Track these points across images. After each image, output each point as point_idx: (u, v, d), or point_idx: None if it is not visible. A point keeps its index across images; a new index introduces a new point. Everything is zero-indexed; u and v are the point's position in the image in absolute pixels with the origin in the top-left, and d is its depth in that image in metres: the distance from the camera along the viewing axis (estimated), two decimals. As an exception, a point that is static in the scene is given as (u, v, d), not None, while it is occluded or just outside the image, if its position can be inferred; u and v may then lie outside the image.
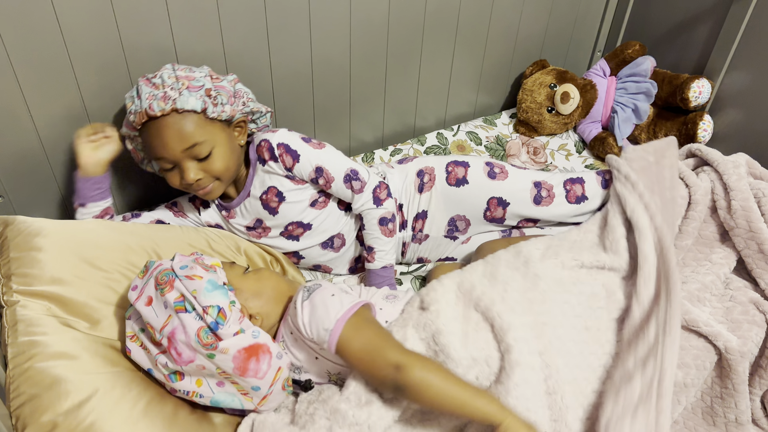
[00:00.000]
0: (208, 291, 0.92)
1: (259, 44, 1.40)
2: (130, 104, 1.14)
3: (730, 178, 1.23)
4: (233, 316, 0.93)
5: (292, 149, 1.23)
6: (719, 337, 1.09)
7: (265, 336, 0.95)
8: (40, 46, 1.18)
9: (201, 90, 1.13)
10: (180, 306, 0.92)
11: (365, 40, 1.53)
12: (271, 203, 1.27)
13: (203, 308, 0.91)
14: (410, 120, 1.77)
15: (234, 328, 0.91)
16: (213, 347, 0.90)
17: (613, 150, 1.71)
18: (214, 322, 0.90)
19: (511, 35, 1.78)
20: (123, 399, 0.91)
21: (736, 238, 1.21)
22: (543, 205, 1.32)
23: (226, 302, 0.93)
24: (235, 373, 0.92)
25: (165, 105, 1.10)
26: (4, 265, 1.05)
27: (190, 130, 1.12)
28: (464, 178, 1.32)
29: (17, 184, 1.31)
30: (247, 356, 0.92)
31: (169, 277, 0.95)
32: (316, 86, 1.54)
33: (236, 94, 1.21)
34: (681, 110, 1.69)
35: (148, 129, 1.13)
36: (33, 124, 1.25)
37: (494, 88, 1.88)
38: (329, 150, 1.28)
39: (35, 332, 0.95)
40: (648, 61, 1.72)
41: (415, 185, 1.34)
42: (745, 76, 1.59)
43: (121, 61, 1.27)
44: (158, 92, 1.11)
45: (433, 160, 1.37)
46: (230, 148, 1.20)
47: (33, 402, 0.88)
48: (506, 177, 1.33)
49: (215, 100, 1.14)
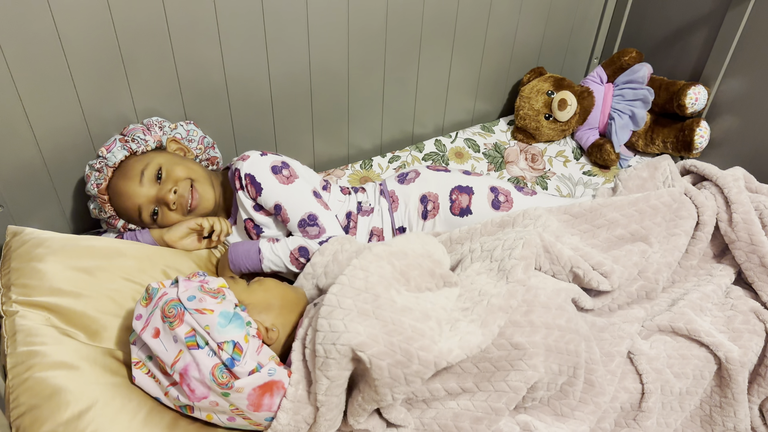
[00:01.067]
0: (221, 327, 0.88)
1: (257, 53, 1.40)
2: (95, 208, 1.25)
3: (730, 191, 1.23)
4: (250, 347, 0.90)
5: (257, 182, 1.21)
6: (721, 347, 1.09)
7: (281, 373, 0.92)
8: (39, 57, 1.18)
9: (117, 143, 1.23)
10: (191, 342, 0.88)
11: (363, 48, 1.54)
12: (251, 235, 1.28)
13: (218, 344, 0.88)
14: (408, 127, 1.78)
15: (250, 366, 0.88)
16: (228, 386, 0.87)
17: (611, 156, 1.71)
18: (230, 358, 0.87)
19: (508, 43, 1.79)
20: (123, 409, 0.91)
21: (737, 251, 1.21)
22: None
23: (242, 334, 0.89)
24: (249, 409, 0.91)
25: (101, 175, 1.21)
26: (4, 275, 1.05)
27: (131, 166, 1.21)
28: (468, 208, 1.30)
29: (17, 194, 1.31)
30: (261, 393, 0.91)
31: (178, 310, 0.90)
32: (314, 94, 1.55)
33: (148, 125, 1.30)
34: (678, 117, 1.70)
35: (112, 199, 1.23)
36: (33, 134, 1.26)
37: (492, 96, 1.89)
38: (295, 188, 1.22)
39: (35, 342, 0.95)
40: (645, 68, 1.73)
41: (419, 212, 1.32)
42: (741, 82, 1.60)
43: (120, 73, 1.28)
44: (93, 177, 1.22)
45: (436, 184, 1.33)
46: (174, 158, 1.25)
47: (33, 412, 0.88)
48: (511, 207, 1.30)
49: (135, 141, 1.24)
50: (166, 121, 1.31)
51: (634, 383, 1.08)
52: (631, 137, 1.75)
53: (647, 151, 1.76)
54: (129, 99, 1.32)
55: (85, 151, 1.33)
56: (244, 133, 1.52)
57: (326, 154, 1.68)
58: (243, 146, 1.53)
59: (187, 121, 1.35)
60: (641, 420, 1.07)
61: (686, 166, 1.35)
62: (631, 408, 1.08)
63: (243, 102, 1.46)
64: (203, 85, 1.39)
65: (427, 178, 1.34)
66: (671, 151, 1.71)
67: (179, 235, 1.23)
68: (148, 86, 1.33)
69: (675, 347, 1.11)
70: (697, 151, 1.65)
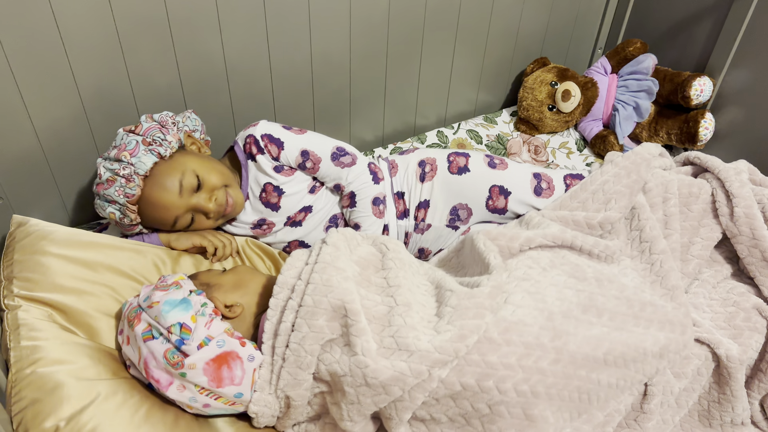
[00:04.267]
0: (166, 312, 0.93)
1: (258, 43, 1.39)
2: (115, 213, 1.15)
3: (732, 185, 1.22)
4: (199, 324, 0.93)
5: (275, 137, 1.24)
6: (720, 345, 1.09)
7: (232, 343, 0.94)
8: (38, 47, 1.17)
9: (140, 146, 1.13)
10: (147, 335, 0.93)
11: (365, 38, 1.53)
12: (271, 200, 1.28)
13: (167, 329, 0.92)
14: (410, 118, 1.76)
15: (198, 340, 0.91)
16: (180, 365, 0.90)
17: (614, 148, 1.70)
18: (178, 339, 0.91)
19: (511, 33, 1.78)
20: (125, 405, 0.91)
21: (738, 246, 1.20)
22: (543, 197, 1.33)
23: (188, 315, 0.93)
24: (212, 385, 0.92)
25: (134, 185, 1.12)
26: (6, 267, 1.05)
27: (168, 176, 1.14)
28: (465, 167, 1.34)
29: (16, 186, 1.30)
30: (217, 366, 0.92)
31: (136, 313, 0.96)
32: (316, 85, 1.53)
33: (162, 123, 1.20)
34: (682, 108, 1.68)
35: (143, 208, 1.16)
36: (32, 125, 1.25)
37: (495, 86, 1.87)
38: (311, 134, 1.30)
39: (38, 337, 0.95)
40: (649, 59, 1.71)
41: (417, 174, 1.35)
42: (747, 73, 1.58)
43: (120, 62, 1.27)
44: (117, 183, 1.11)
45: (434, 152, 1.39)
46: (202, 160, 1.21)
47: (35, 407, 0.87)
48: (506, 167, 1.35)
49: (158, 143, 1.15)
50: (170, 113, 1.28)
51: (638, 385, 1.07)
52: (635, 129, 1.74)
53: (651, 142, 1.75)
54: (129, 89, 1.31)
55: (86, 142, 1.32)
56: (246, 124, 1.49)
57: (328, 146, 1.67)
58: (244, 137, 1.52)
59: (190, 111, 1.33)
60: (642, 421, 1.07)
61: (689, 157, 1.34)
62: (633, 409, 1.08)
63: (244, 92, 1.45)
64: (204, 75, 1.37)
65: (426, 149, 1.42)
66: (675, 143, 1.69)
67: (185, 246, 1.23)
68: (148, 76, 1.31)
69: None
70: (701, 143, 1.64)
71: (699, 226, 1.23)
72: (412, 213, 1.36)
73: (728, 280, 1.24)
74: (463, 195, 1.34)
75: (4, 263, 1.07)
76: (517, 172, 1.34)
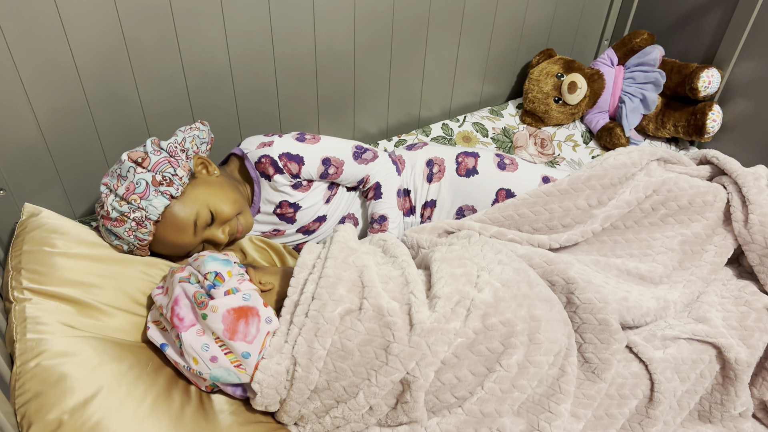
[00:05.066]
0: (206, 261, 1.00)
1: (262, 35, 1.38)
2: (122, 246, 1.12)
3: (749, 191, 1.18)
4: (233, 278, 0.98)
5: (294, 154, 1.21)
6: (731, 349, 1.07)
7: (257, 299, 0.97)
8: (40, 37, 1.16)
9: (150, 188, 1.08)
10: (184, 279, 0.99)
11: (369, 29, 1.51)
12: (287, 214, 1.27)
13: (203, 275, 0.98)
14: (415, 110, 1.75)
15: (227, 287, 0.96)
16: (204, 305, 0.94)
17: (621, 141, 1.69)
18: (210, 284, 0.96)
19: (517, 24, 1.76)
20: (129, 397, 0.90)
21: (750, 254, 1.18)
22: None
23: (226, 269, 0.99)
24: (225, 335, 0.93)
25: (146, 230, 1.09)
26: (15, 257, 1.04)
27: (181, 218, 1.11)
28: (474, 168, 1.32)
29: (19, 177, 1.30)
30: (236, 317, 0.94)
31: (182, 266, 1.04)
32: (320, 77, 1.52)
33: (171, 153, 1.13)
34: (690, 100, 1.67)
35: (155, 246, 1.15)
36: (34, 116, 1.24)
37: (500, 78, 1.86)
38: (326, 139, 1.27)
39: (44, 331, 0.94)
40: (656, 51, 1.70)
41: (424, 174, 1.34)
42: (755, 65, 1.56)
43: (122, 53, 1.25)
44: (127, 224, 1.08)
45: (443, 150, 1.37)
46: (214, 189, 1.16)
47: (38, 399, 0.87)
48: (516, 169, 1.32)
49: (168, 181, 1.10)
50: (179, 130, 1.20)
51: (645, 390, 1.06)
52: (642, 121, 1.72)
53: (658, 135, 1.74)
54: (132, 80, 1.30)
55: (88, 133, 1.32)
56: (249, 117, 1.49)
57: (332, 138, 1.66)
58: (248, 130, 1.51)
59: (199, 122, 1.25)
60: (647, 426, 1.06)
61: (707, 156, 1.29)
62: (637, 412, 1.07)
63: (248, 85, 1.44)
64: (207, 67, 1.36)
65: (434, 147, 1.39)
66: (683, 135, 1.68)
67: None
68: (151, 68, 1.30)
69: (690, 351, 1.09)
70: (708, 136, 1.63)
71: (713, 234, 1.21)
72: (419, 211, 1.36)
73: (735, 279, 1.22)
74: (470, 197, 1.32)
75: (13, 253, 1.06)
76: (525, 175, 1.32)
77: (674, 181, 1.21)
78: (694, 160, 1.32)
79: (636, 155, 1.23)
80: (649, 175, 1.22)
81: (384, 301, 0.95)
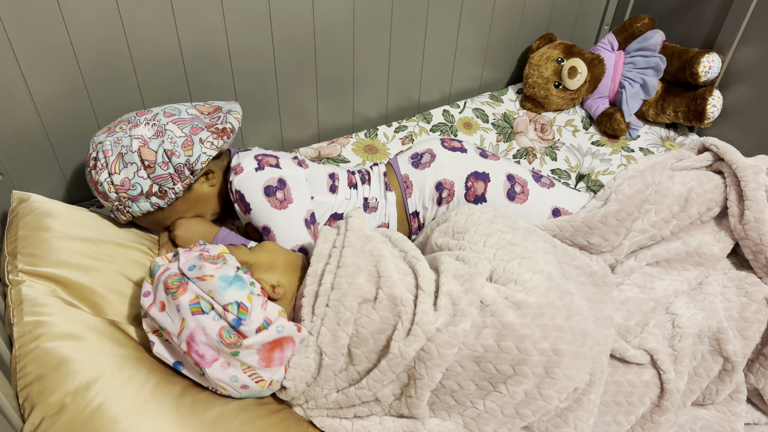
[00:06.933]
0: (222, 290, 0.89)
1: (260, 18, 1.36)
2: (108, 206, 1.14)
3: (748, 185, 1.16)
4: (255, 305, 0.91)
5: (246, 201, 1.14)
6: (729, 342, 1.08)
7: (290, 328, 0.93)
8: (37, 20, 1.15)
9: (143, 195, 1.11)
10: (196, 308, 0.89)
11: (369, 13, 1.50)
12: (253, 236, 1.23)
13: (223, 307, 0.88)
14: (414, 95, 1.74)
15: (257, 323, 0.89)
16: (237, 345, 0.88)
17: (621, 126, 1.68)
18: (236, 319, 0.88)
19: (517, 8, 1.75)
20: (131, 380, 0.90)
21: (744, 249, 1.18)
22: None
23: (244, 294, 0.90)
24: (260, 365, 0.91)
25: (123, 217, 1.14)
26: (10, 243, 1.04)
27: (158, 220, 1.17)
28: (483, 196, 1.26)
29: (17, 162, 1.29)
30: (270, 348, 0.91)
31: (180, 282, 0.91)
32: (319, 61, 1.51)
33: (178, 171, 1.11)
34: (690, 85, 1.66)
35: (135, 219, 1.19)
36: (32, 100, 1.23)
37: (500, 63, 1.85)
38: (287, 216, 1.15)
39: (41, 312, 0.94)
40: (657, 35, 1.69)
41: (434, 199, 1.28)
42: (756, 50, 1.56)
43: (120, 35, 1.24)
44: (109, 203, 1.12)
45: (452, 170, 1.27)
46: (191, 207, 1.19)
47: (40, 382, 0.87)
48: (525, 200, 1.26)
49: (162, 194, 1.12)
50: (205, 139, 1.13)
51: (654, 398, 1.06)
52: (642, 106, 1.72)
53: (658, 120, 1.73)
54: (130, 64, 1.29)
55: (86, 118, 1.31)
56: (247, 101, 1.48)
57: (331, 123, 1.65)
58: (246, 114, 1.50)
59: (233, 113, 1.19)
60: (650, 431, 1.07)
61: (706, 143, 1.27)
62: (642, 416, 1.07)
63: (246, 68, 1.43)
64: (205, 50, 1.35)
65: (443, 163, 1.28)
66: (682, 121, 1.68)
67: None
68: (148, 51, 1.29)
69: (694, 350, 1.09)
70: (708, 121, 1.63)
71: (719, 232, 1.22)
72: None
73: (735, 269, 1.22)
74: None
75: (8, 239, 1.06)
76: (536, 207, 1.26)
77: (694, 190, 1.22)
78: (693, 149, 1.31)
79: (649, 176, 1.20)
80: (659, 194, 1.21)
81: (399, 291, 0.94)
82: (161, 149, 1.09)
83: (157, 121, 1.12)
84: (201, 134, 1.12)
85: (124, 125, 1.12)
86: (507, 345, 0.92)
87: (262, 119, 1.53)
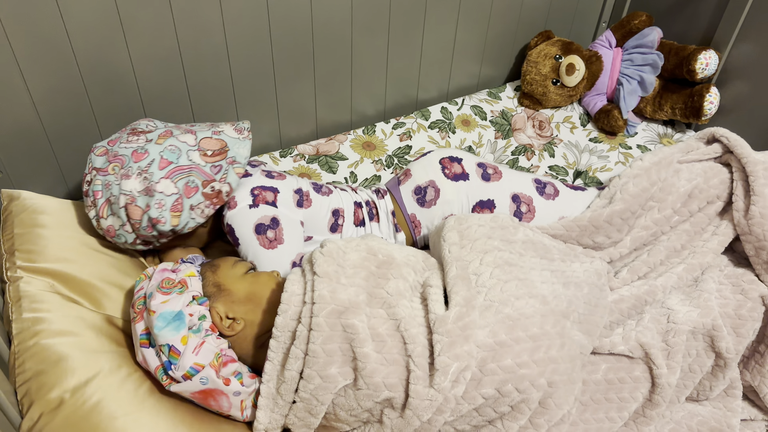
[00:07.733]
0: (158, 330, 0.88)
1: (258, 15, 1.36)
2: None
3: (757, 180, 1.16)
4: (189, 347, 0.88)
5: (235, 236, 1.11)
6: (722, 339, 1.08)
7: (215, 381, 0.89)
8: (36, 16, 1.14)
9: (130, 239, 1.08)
10: (144, 339, 0.91)
11: (367, 9, 1.50)
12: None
13: (159, 347, 0.89)
14: (412, 92, 1.74)
15: (183, 370, 0.87)
16: (169, 386, 0.89)
17: (618, 123, 1.69)
18: (167, 361, 0.88)
19: (515, 5, 1.75)
20: (129, 378, 0.91)
21: (746, 244, 1.18)
22: None
23: (178, 337, 0.88)
24: (201, 404, 0.92)
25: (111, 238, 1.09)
26: (7, 241, 1.04)
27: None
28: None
29: (15, 159, 1.29)
30: (203, 397, 0.91)
31: (140, 307, 0.93)
32: (317, 58, 1.51)
33: (163, 235, 1.07)
34: (687, 82, 1.67)
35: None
36: (30, 97, 1.23)
37: (498, 60, 1.85)
38: (275, 256, 1.10)
39: (40, 309, 0.94)
40: (654, 32, 1.69)
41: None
42: (753, 47, 1.56)
43: (118, 33, 1.24)
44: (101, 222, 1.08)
45: (458, 204, 1.24)
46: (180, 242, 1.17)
47: (39, 378, 0.88)
48: (533, 218, 1.24)
49: (147, 240, 1.09)
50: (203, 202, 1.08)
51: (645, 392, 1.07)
52: (639, 103, 1.72)
53: (655, 117, 1.74)
54: (128, 60, 1.29)
55: (85, 115, 1.31)
56: (246, 98, 1.49)
57: (329, 120, 1.65)
58: (244, 112, 1.50)
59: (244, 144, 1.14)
60: (642, 425, 1.08)
61: (715, 134, 1.27)
62: (635, 411, 1.08)
63: (244, 65, 1.43)
64: (203, 46, 1.35)
65: (448, 199, 1.24)
66: (680, 118, 1.68)
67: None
68: (146, 47, 1.29)
69: (687, 346, 1.10)
70: (706, 118, 1.63)
71: (720, 224, 1.22)
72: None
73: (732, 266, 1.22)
74: None
75: (4, 237, 1.07)
76: (543, 221, 1.25)
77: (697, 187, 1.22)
78: (701, 139, 1.31)
79: (654, 174, 1.20)
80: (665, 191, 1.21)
81: (380, 377, 0.87)
82: (146, 216, 1.04)
83: (150, 174, 1.03)
84: (193, 199, 1.05)
85: (117, 167, 1.05)
86: (507, 389, 0.90)
87: (260, 116, 1.54)
